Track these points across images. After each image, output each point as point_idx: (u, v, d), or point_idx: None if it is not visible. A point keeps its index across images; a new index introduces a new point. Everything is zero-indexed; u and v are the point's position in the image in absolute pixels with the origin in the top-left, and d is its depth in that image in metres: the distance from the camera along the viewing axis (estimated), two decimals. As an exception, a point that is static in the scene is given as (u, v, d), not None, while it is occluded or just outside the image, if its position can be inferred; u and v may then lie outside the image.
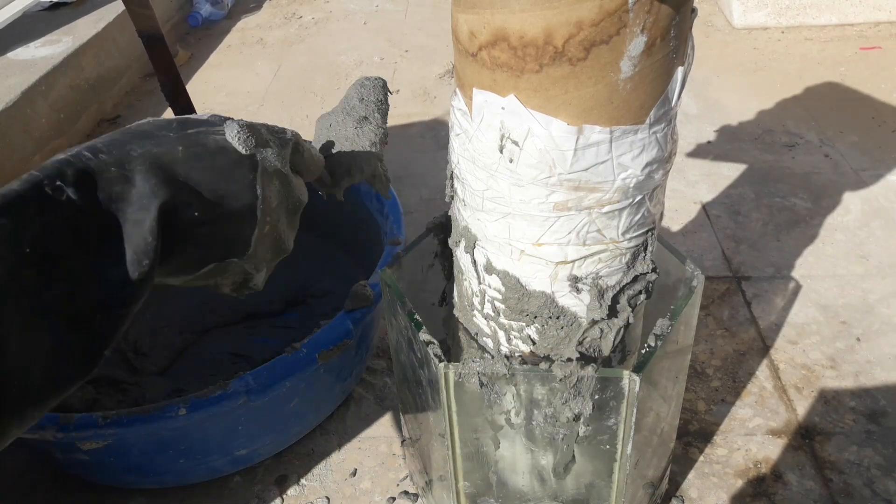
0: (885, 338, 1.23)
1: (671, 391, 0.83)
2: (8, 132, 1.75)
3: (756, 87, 2.04)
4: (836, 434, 1.08)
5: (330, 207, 1.39)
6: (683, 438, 1.08)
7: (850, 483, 1.01)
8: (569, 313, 0.66)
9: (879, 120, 1.84)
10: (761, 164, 1.71)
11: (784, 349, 1.22)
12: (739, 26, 2.38)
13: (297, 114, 2.10)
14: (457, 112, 0.62)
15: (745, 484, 1.02)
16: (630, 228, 0.62)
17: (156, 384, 1.22)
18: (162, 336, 1.30)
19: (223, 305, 1.35)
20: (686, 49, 0.56)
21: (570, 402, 0.67)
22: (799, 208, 1.56)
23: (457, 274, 0.74)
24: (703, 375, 1.19)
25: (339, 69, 2.35)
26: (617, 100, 0.53)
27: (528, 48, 0.51)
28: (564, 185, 0.57)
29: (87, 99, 2.10)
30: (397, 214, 1.16)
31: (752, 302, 1.32)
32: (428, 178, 1.75)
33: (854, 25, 2.32)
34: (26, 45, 2.07)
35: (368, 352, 1.15)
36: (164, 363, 1.26)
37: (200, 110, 2.14)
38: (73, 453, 0.96)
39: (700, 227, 1.53)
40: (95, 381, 1.20)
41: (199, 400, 0.88)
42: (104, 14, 2.26)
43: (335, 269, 1.39)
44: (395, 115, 2.05)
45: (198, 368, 1.26)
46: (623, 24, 0.49)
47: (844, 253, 1.42)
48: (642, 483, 0.86)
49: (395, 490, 1.04)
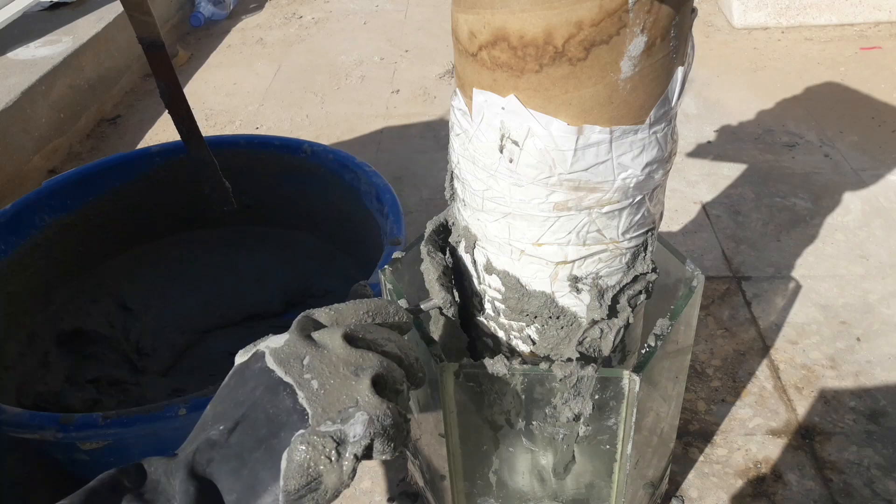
0: (886, 338, 1.23)
1: (671, 391, 0.83)
2: (8, 132, 1.75)
3: (756, 87, 2.04)
4: (836, 434, 1.08)
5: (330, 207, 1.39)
6: (683, 438, 1.08)
7: (850, 483, 1.01)
8: (569, 313, 0.66)
9: (879, 120, 1.84)
10: (761, 164, 1.71)
11: (784, 349, 1.22)
12: (739, 26, 2.38)
13: (296, 113, 2.10)
14: (457, 112, 0.62)
15: (745, 484, 1.02)
16: (630, 228, 0.62)
17: (156, 384, 1.22)
18: (164, 337, 1.30)
19: (224, 306, 1.35)
20: (686, 49, 0.56)
21: (571, 402, 0.67)
22: (799, 208, 1.56)
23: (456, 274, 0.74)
24: (703, 375, 1.19)
25: (339, 69, 2.35)
26: (617, 100, 0.53)
27: (528, 48, 0.51)
28: (564, 185, 0.57)
29: (86, 99, 2.10)
30: (397, 214, 1.15)
31: (752, 302, 1.32)
32: (428, 178, 1.75)
33: (854, 25, 2.32)
34: (26, 45, 2.07)
35: (368, 352, 1.14)
36: (167, 363, 1.26)
37: (201, 110, 2.14)
38: (73, 454, 0.96)
39: (700, 227, 1.53)
40: (96, 381, 1.20)
41: (199, 400, 0.88)
42: (104, 14, 2.27)
43: (335, 269, 1.39)
44: (396, 115, 2.05)
45: (198, 369, 1.26)
46: (623, 24, 0.49)
47: (844, 253, 1.42)
48: (642, 483, 0.86)
49: (395, 490, 1.04)
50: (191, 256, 1.45)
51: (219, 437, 0.44)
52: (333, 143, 1.93)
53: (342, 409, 0.44)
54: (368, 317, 0.53)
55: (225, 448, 0.44)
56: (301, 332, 0.48)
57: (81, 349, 1.26)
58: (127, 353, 1.26)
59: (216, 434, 0.45)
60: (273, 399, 0.45)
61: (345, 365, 0.46)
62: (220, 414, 0.46)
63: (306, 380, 0.45)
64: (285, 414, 0.44)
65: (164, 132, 2.06)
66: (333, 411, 0.44)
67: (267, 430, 0.44)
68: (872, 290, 1.33)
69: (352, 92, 2.20)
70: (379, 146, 1.92)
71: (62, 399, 1.15)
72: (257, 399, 0.45)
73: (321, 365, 0.46)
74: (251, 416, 0.45)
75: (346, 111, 2.10)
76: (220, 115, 2.13)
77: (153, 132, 2.08)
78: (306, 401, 0.44)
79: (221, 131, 2.04)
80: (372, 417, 0.44)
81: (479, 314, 0.72)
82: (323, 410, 0.44)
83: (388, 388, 0.48)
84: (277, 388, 0.45)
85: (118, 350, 1.26)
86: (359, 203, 1.28)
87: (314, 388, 0.45)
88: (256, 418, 0.44)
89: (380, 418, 0.44)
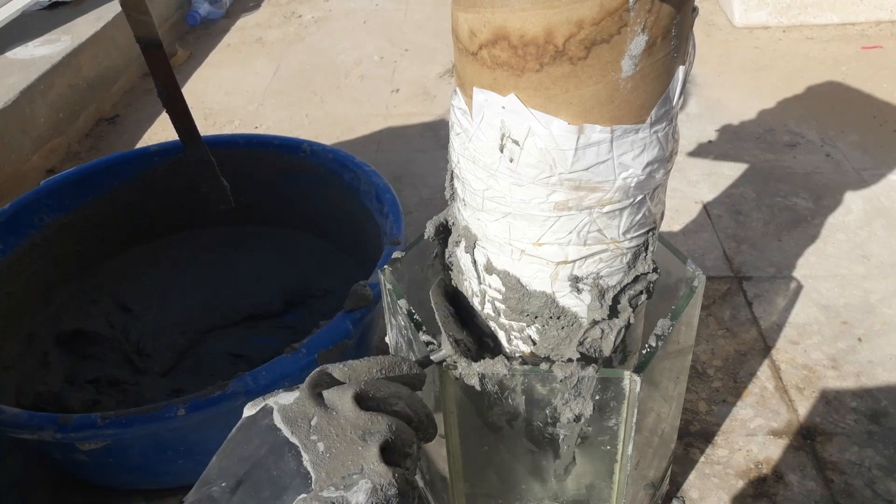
0: (887, 338, 1.23)
1: (672, 392, 0.83)
2: (7, 131, 1.75)
3: (757, 86, 2.04)
4: (838, 434, 1.07)
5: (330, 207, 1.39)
6: (684, 439, 1.08)
7: (851, 484, 1.00)
8: (569, 313, 0.65)
9: (881, 119, 1.84)
10: (762, 163, 1.71)
11: (785, 349, 1.22)
12: (741, 25, 2.37)
13: (296, 113, 2.10)
14: (457, 111, 0.61)
15: (747, 485, 1.02)
16: (631, 228, 0.61)
17: (156, 385, 1.21)
18: (164, 337, 1.30)
19: (224, 306, 1.35)
20: (687, 48, 0.56)
21: (571, 403, 0.67)
22: (800, 208, 1.55)
23: (456, 274, 0.73)
24: (704, 376, 1.18)
25: (338, 68, 2.35)
26: (618, 99, 0.53)
27: (529, 47, 0.51)
28: (565, 185, 0.56)
29: (85, 98, 2.10)
30: (397, 214, 1.15)
31: (753, 302, 1.32)
32: (428, 177, 1.75)
33: (855, 25, 2.32)
34: (25, 45, 2.07)
35: (368, 352, 1.14)
36: (168, 364, 1.26)
37: (200, 109, 2.14)
38: (72, 454, 0.96)
39: (701, 226, 1.52)
40: (96, 381, 1.20)
41: (198, 400, 0.88)
42: (103, 13, 2.26)
43: (335, 269, 1.39)
44: (395, 114, 2.05)
45: (197, 369, 1.26)
46: (624, 22, 0.49)
47: (846, 253, 1.42)
48: (643, 484, 0.86)
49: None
50: (190, 256, 1.44)
51: (220, 496, 0.44)
52: (333, 142, 1.93)
53: (346, 474, 0.44)
54: (381, 373, 0.52)
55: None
56: (313, 389, 0.48)
57: (81, 349, 1.26)
58: (128, 353, 1.26)
59: (218, 492, 0.44)
60: (277, 460, 0.44)
61: (353, 428, 0.46)
62: (225, 469, 0.46)
63: (312, 441, 0.45)
64: (289, 476, 0.44)
65: (163, 131, 2.06)
66: (338, 477, 0.44)
67: (269, 491, 0.43)
68: (874, 290, 1.32)
69: (351, 91, 2.20)
70: (379, 146, 1.91)
71: (62, 399, 1.15)
72: (262, 458, 0.45)
73: (329, 427, 0.46)
74: (255, 476, 0.44)
75: (346, 110, 2.09)
76: (219, 115, 2.12)
77: (152, 132, 2.08)
78: (311, 464, 0.44)
79: (220, 130, 2.04)
80: (376, 486, 0.43)
81: (479, 314, 0.71)
82: (327, 475, 0.44)
83: (398, 453, 0.47)
84: (283, 449, 0.45)
85: (119, 350, 1.26)
86: (359, 203, 1.28)
87: (320, 450, 0.45)
88: (260, 479, 0.44)
89: (384, 487, 0.44)
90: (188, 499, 0.45)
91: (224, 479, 0.45)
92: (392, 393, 0.50)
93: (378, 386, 0.50)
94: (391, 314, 0.79)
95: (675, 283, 0.77)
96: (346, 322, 0.97)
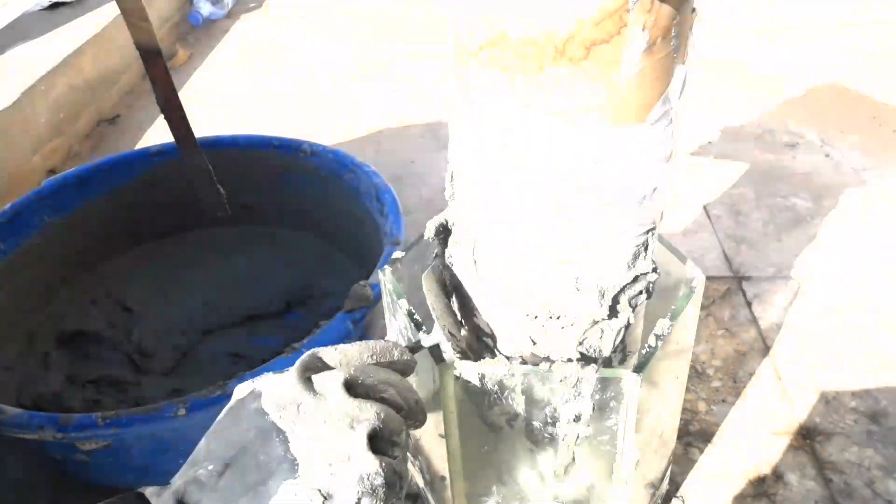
0: (887, 338, 1.23)
1: (672, 391, 0.83)
2: (8, 132, 1.75)
3: (757, 86, 2.04)
4: (837, 434, 1.07)
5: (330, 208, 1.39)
6: (684, 439, 1.08)
7: (850, 483, 1.00)
8: (569, 313, 0.65)
9: (880, 120, 1.84)
10: (762, 163, 1.71)
11: (785, 349, 1.22)
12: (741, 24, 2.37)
13: (296, 113, 2.10)
14: (457, 111, 0.61)
15: (746, 484, 1.02)
16: (631, 228, 0.61)
17: (157, 384, 1.22)
18: (166, 337, 1.30)
19: (224, 306, 1.35)
20: (687, 48, 0.56)
21: (571, 403, 0.67)
22: (800, 208, 1.55)
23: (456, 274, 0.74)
24: (703, 376, 1.19)
25: (338, 68, 2.35)
26: (618, 99, 0.53)
27: (529, 47, 0.51)
28: (565, 185, 0.57)
29: (86, 99, 2.10)
30: (397, 214, 1.15)
31: (752, 302, 1.32)
32: (428, 178, 1.75)
33: (856, 24, 2.32)
34: (26, 45, 2.07)
35: (368, 352, 1.14)
36: (170, 364, 1.26)
37: (199, 109, 2.14)
38: (72, 454, 0.96)
39: (701, 226, 1.52)
40: (96, 381, 1.20)
41: (198, 400, 0.88)
42: (103, 14, 2.26)
43: (335, 269, 1.39)
44: (395, 114, 2.05)
45: (198, 369, 1.26)
46: (624, 23, 0.49)
47: (845, 253, 1.42)
48: (643, 483, 0.86)
49: (395, 490, 1.04)
50: (191, 256, 1.45)
51: (207, 479, 0.44)
52: (333, 142, 1.93)
53: (333, 461, 0.43)
54: (372, 358, 0.51)
55: (213, 491, 0.44)
56: (303, 373, 0.47)
57: (82, 349, 1.26)
58: (128, 353, 1.26)
59: (205, 475, 0.44)
60: (265, 445, 0.44)
61: (341, 416, 0.45)
62: (212, 452, 0.46)
63: (300, 427, 0.44)
64: (275, 462, 0.43)
65: (163, 132, 2.05)
66: (324, 464, 0.43)
67: (256, 476, 0.43)
68: (873, 290, 1.32)
69: (352, 91, 2.20)
70: (379, 146, 1.91)
71: (62, 399, 1.15)
72: (249, 442, 0.44)
73: (317, 413, 0.45)
74: (241, 461, 0.44)
75: (346, 110, 2.09)
76: (219, 115, 2.12)
77: (152, 132, 2.08)
78: (297, 450, 0.44)
79: (221, 131, 2.03)
80: (362, 476, 0.43)
81: (479, 314, 0.71)
82: (313, 462, 0.43)
83: (386, 441, 0.47)
84: (270, 434, 0.44)
85: (119, 350, 1.26)
86: (359, 203, 1.28)
87: (307, 436, 0.44)
88: (246, 463, 0.44)
89: (370, 476, 0.43)
90: (175, 480, 0.45)
91: (211, 462, 0.45)
92: (382, 379, 0.49)
93: (368, 372, 0.49)
94: (391, 314, 0.79)
95: (674, 283, 0.78)
96: (346, 322, 0.97)
